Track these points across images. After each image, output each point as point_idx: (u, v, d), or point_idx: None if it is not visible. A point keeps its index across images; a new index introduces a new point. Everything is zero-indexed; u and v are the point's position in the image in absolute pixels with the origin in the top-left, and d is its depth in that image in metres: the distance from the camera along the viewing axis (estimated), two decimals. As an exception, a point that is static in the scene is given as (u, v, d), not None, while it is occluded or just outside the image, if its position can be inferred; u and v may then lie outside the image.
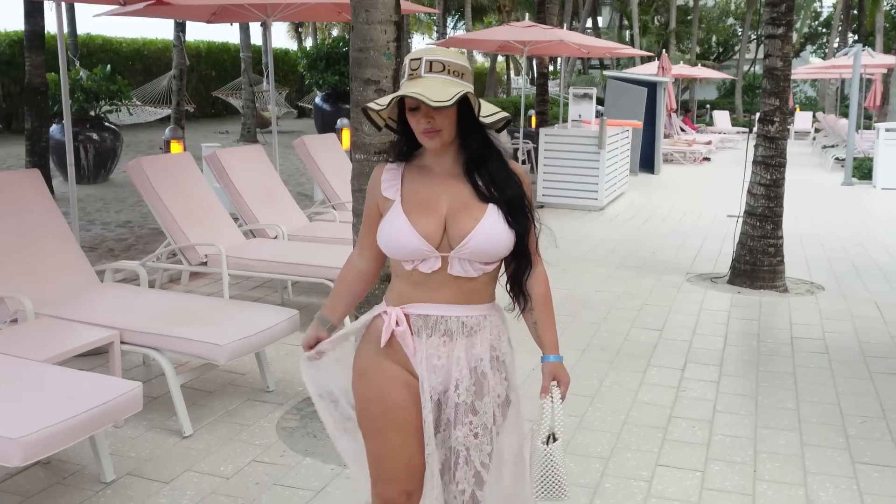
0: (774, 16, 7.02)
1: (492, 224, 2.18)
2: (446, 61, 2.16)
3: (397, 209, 2.23)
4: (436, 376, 2.27)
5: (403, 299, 2.28)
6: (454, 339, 2.26)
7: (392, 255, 2.27)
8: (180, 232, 5.89)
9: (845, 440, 4.24)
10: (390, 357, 2.30)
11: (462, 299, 2.25)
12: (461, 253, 2.19)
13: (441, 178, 2.24)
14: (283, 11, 7.51)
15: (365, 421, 2.36)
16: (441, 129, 2.15)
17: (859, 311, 6.63)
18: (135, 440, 4.09)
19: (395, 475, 2.32)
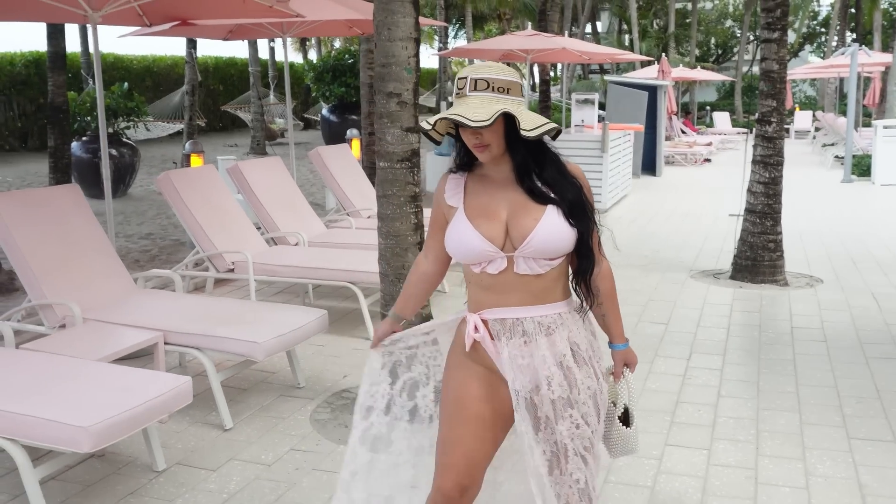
0: (770, 20, 7.33)
1: (551, 222, 2.32)
2: (491, 78, 2.30)
3: (461, 215, 2.40)
4: (523, 376, 2.40)
5: (479, 305, 2.45)
6: (534, 339, 2.39)
7: (460, 258, 2.43)
8: (208, 240, 6.21)
9: (842, 419, 4.53)
10: (476, 359, 2.49)
11: (532, 300, 2.39)
12: (525, 251, 2.33)
13: (500, 185, 2.40)
14: (297, 28, 7.84)
15: (442, 411, 2.55)
16: (489, 144, 2.31)
17: (856, 301, 6.92)
18: (180, 434, 4.40)
19: (454, 463, 2.45)
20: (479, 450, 2.47)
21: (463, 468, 2.46)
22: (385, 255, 4.51)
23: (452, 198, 2.48)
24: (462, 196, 2.46)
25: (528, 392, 2.42)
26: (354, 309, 6.57)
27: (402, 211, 4.43)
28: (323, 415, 4.65)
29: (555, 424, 2.40)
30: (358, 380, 5.14)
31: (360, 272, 5.99)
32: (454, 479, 2.46)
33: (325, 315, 4.92)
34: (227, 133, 23.12)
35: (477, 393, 2.48)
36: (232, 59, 25.63)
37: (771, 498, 3.67)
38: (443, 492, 2.47)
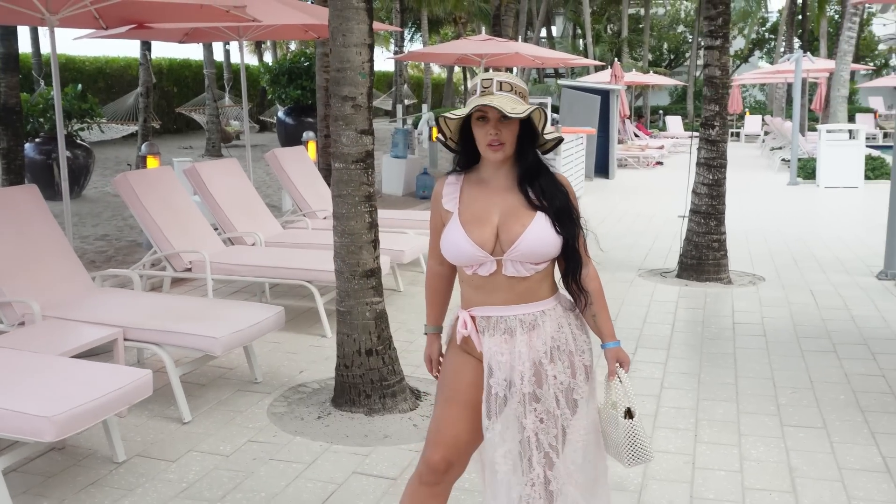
0: (712, 28, 7.61)
1: (539, 229, 2.49)
2: (513, 83, 2.49)
3: (455, 221, 2.56)
4: (500, 372, 2.56)
5: (469, 303, 2.63)
6: (515, 336, 2.56)
7: (453, 261, 2.61)
8: (166, 240, 6.29)
9: (776, 408, 4.78)
10: (469, 351, 2.67)
11: (517, 300, 2.55)
12: (512, 255, 2.49)
13: (495, 191, 2.56)
14: (253, 31, 7.94)
15: (438, 392, 2.74)
16: (505, 143, 2.47)
17: (795, 298, 7.22)
18: (139, 427, 4.49)
19: (444, 440, 2.64)
20: (468, 431, 2.64)
21: (452, 446, 2.64)
22: (340, 253, 4.65)
23: (449, 202, 2.62)
24: (458, 201, 2.61)
25: (503, 388, 2.57)
26: (310, 307, 6.68)
27: (356, 210, 4.58)
28: (279, 408, 4.78)
29: (524, 419, 2.56)
30: (315, 375, 5.29)
31: (316, 271, 6.11)
32: (443, 454, 2.63)
33: (282, 311, 5.05)
34: (182, 135, 23.01)
35: (469, 380, 2.65)
36: (186, 61, 25.49)
37: (707, 481, 3.89)
38: (431, 464, 2.65)
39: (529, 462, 2.59)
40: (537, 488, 2.60)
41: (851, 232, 10.67)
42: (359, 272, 4.64)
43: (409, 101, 30.84)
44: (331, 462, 4.08)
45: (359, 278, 4.65)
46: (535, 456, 2.59)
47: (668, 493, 3.78)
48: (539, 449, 2.59)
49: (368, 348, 4.66)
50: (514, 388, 2.57)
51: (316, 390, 5.05)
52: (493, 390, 2.57)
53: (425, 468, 2.67)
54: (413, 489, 2.73)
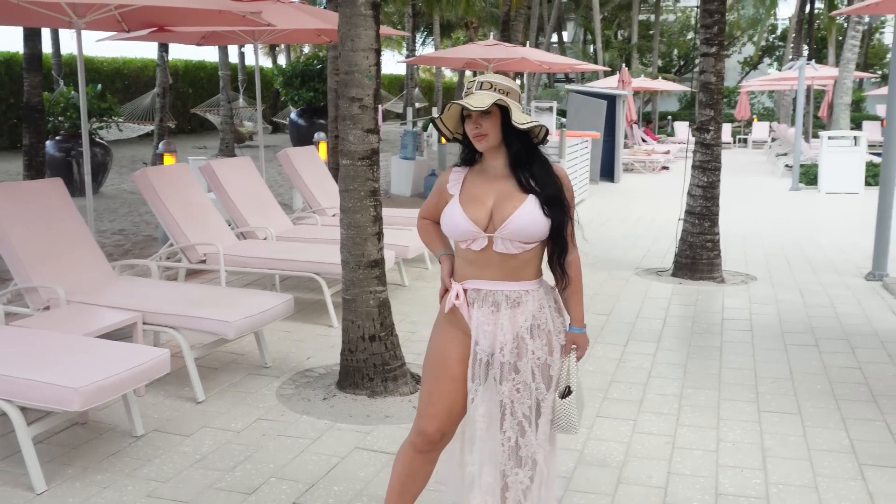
0: (708, 36, 7.90)
1: (529, 210, 2.75)
2: (494, 81, 2.78)
3: (455, 201, 2.86)
4: (485, 340, 2.83)
5: (463, 276, 2.89)
6: (500, 310, 2.82)
7: (450, 235, 2.89)
8: (182, 233, 6.62)
9: (755, 396, 5.06)
10: (455, 323, 2.94)
11: (506, 276, 2.82)
12: (503, 233, 2.76)
13: (493, 178, 2.84)
14: (268, 35, 8.27)
15: (427, 367, 3.00)
16: (487, 134, 2.76)
17: (784, 296, 7.49)
18: (156, 405, 4.81)
19: (437, 413, 2.91)
20: (458, 403, 2.91)
21: (445, 417, 2.92)
22: (346, 245, 4.97)
23: (453, 187, 2.93)
24: (460, 186, 2.92)
25: (487, 355, 2.87)
26: (318, 299, 7.00)
27: (362, 204, 4.89)
28: (288, 390, 5.09)
29: (499, 385, 2.86)
30: (321, 361, 5.61)
31: (324, 264, 6.43)
32: (437, 426, 2.92)
33: (291, 299, 5.36)
34: (196, 135, 23.43)
35: (457, 354, 2.92)
36: (202, 63, 25.91)
37: (684, 459, 4.18)
38: (426, 435, 2.93)
39: (500, 424, 2.88)
40: (506, 451, 2.89)
41: (847, 236, 10.92)
42: (363, 262, 4.95)
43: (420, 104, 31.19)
44: (335, 438, 4.39)
45: (363, 268, 4.96)
46: (509, 420, 2.87)
47: (647, 469, 4.07)
48: (513, 416, 2.87)
49: (372, 334, 4.97)
50: (495, 356, 2.86)
51: (322, 375, 5.36)
52: (478, 356, 2.86)
53: (421, 439, 2.94)
54: (408, 457, 3.00)
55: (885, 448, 4.30)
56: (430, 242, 3.16)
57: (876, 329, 6.43)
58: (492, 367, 2.88)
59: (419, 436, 2.95)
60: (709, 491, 3.84)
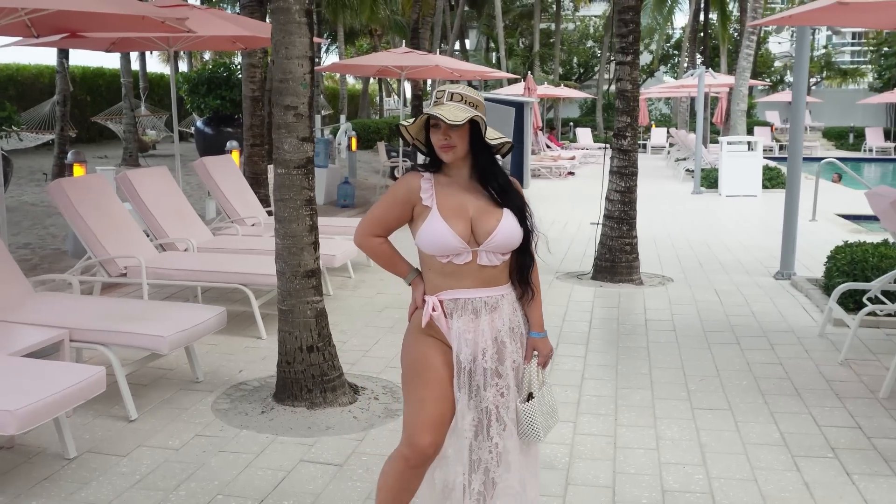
0: (623, 45, 8.11)
1: (509, 224, 2.79)
2: (464, 94, 2.78)
3: (436, 215, 2.79)
4: (467, 348, 2.83)
5: (437, 288, 2.86)
6: (479, 316, 2.83)
7: (433, 252, 2.82)
8: (100, 246, 6.38)
9: (687, 394, 5.21)
10: (430, 335, 2.91)
11: (483, 284, 2.83)
12: (488, 246, 2.78)
13: (463, 189, 2.84)
14: (183, 42, 8.07)
15: (409, 378, 2.93)
16: (455, 146, 2.76)
17: (702, 296, 7.75)
18: (86, 426, 4.62)
19: (430, 422, 2.83)
20: (447, 409, 2.87)
21: (439, 426, 2.86)
22: (282, 255, 4.89)
23: (427, 198, 2.85)
24: (434, 197, 2.86)
25: (469, 363, 2.86)
26: (243, 311, 6.86)
27: (298, 213, 4.82)
28: (223, 405, 4.97)
29: (483, 391, 2.86)
30: (254, 373, 5.50)
31: (251, 275, 6.31)
32: (432, 438, 2.85)
33: (224, 312, 5.24)
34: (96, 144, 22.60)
35: (440, 360, 2.89)
36: (100, 70, 25.03)
37: (627, 457, 4.27)
38: (421, 448, 2.84)
39: (487, 431, 2.89)
40: (494, 456, 2.90)
41: (750, 237, 11.39)
42: (300, 272, 4.88)
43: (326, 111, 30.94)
44: (278, 452, 4.31)
45: (300, 278, 4.89)
46: (495, 426, 2.88)
47: (593, 469, 4.14)
48: (499, 421, 2.89)
49: (310, 345, 4.90)
50: (478, 363, 2.86)
51: (256, 388, 5.25)
52: (462, 366, 2.85)
53: (414, 453, 2.86)
54: (399, 472, 2.92)
55: (814, 440, 4.49)
56: (390, 263, 3.05)
57: (791, 326, 6.72)
58: (475, 374, 2.88)
59: (412, 449, 2.87)
60: (655, 488, 3.94)
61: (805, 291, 7.75)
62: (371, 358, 5.91)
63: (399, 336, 6.32)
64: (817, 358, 5.90)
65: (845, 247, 7.41)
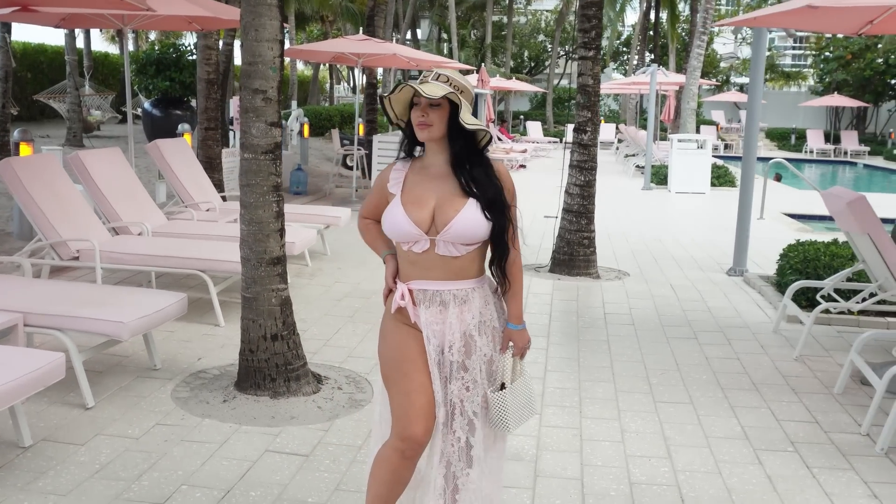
0: (586, 40, 8.14)
1: (470, 214, 2.73)
2: (451, 76, 2.74)
3: (397, 202, 2.81)
4: (435, 339, 2.82)
5: (407, 277, 2.86)
6: (448, 308, 2.81)
7: (391, 236, 2.84)
8: (51, 228, 6.19)
9: (649, 387, 5.26)
10: (404, 321, 2.88)
11: (451, 276, 2.80)
12: (445, 236, 2.74)
13: (434, 177, 2.81)
14: (138, 20, 7.85)
15: (390, 370, 2.88)
16: (432, 125, 2.73)
17: (658, 291, 7.84)
18: (40, 413, 4.47)
19: (420, 411, 2.78)
20: (432, 395, 2.82)
21: (428, 413, 2.81)
22: (247, 241, 4.79)
23: (394, 186, 2.87)
24: (401, 185, 2.86)
25: (437, 354, 2.84)
26: (199, 298, 6.73)
27: (264, 199, 4.73)
28: (183, 393, 4.86)
29: (449, 384, 2.84)
30: (213, 361, 5.39)
31: (210, 260, 6.19)
32: (423, 426, 2.80)
33: (185, 298, 5.12)
34: (37, 123, 21.93)
35: (417, 347, 2.86)
36: (41, 46, 24.28)
37: (594, 450, 4.29)
38: (415, 438, 2.79)
39: (450, 424, 2.87)
40: (456, 450, 2.88)
41: (701, 233, 11.56)
42: (265, 259, 4.79)
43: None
44: (242, 442, 4.22)
45: (265, 265, 4.80)
46: (459, 420, 2.87)
47: (560, 461, 4.14)
48: (463, 415, 2.87)
49: (274, 333, 4.82)
50: (444, 355, 2.85)
51: (217, 376, 5.15)
52: (432, 357, 2.83)
53: (407, 444, 2.80)
54: (394, 465, 2.85)
55: (774, 433, 4.57)
56: (372, 242, 3.10)
57: (746, 322, 6.83)
58: (442, 366, 2.86)
59: (406, 441, 2.81)
60: (622, 480, 3.96)
61: (758, 288, 7.89)
62: (332, 347, 5.84)
63: (359, 326, 6.32)
64: (773, 354, 6.01)
65: (797, 245, 7.55)
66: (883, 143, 35.50)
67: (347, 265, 8.51)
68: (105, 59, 27.37)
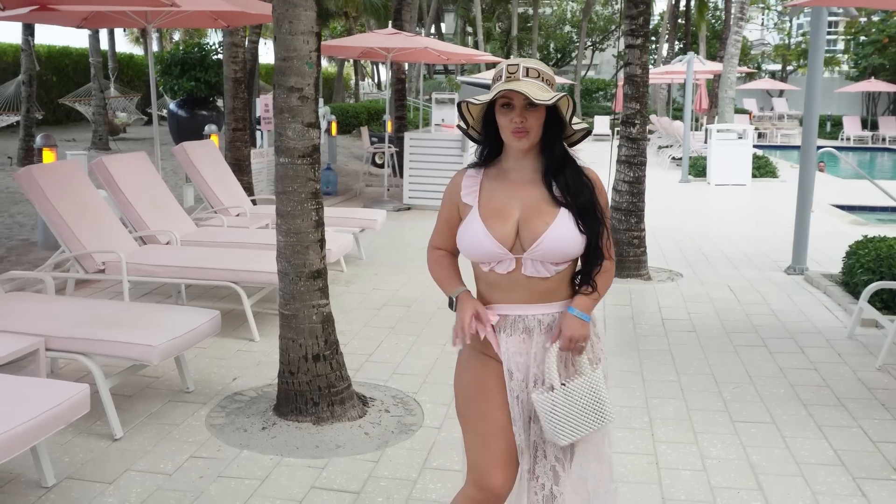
0: (633, 27, 7.67)
1: (563, 227, 2.35)
2: (541, 70, 2.36)
3: (475, 215, 2.41)
4: (519, 373, 2.44)
5: (485, 301, 2.47)
6: (532, 336, 2.43)
7: (470, 257, 2.44)
8: (76, 240, 5.84)
9: (723, 404, 4.81)
10: (485, 353, 2.49)
11: (536, 299, 2.41)
12: (533, 254, 2.36)
13: (517, 184, 2.42)
14: (162, 18, 7.49)
15: (465, 407, 2.51)
16: (530, 130, 2.34)
17: (716, 293, 7.36)
18: (65, 445, 4.11)
19: (498, 459, 2.41)
20: (514, 440, 2.46)
21: (508, 461, 2.44)
22: (285, 253, 4.39)
23: (469, 196, 2.47)
24: (478, 194, 2.45)
25: (520, 390, 2.44)
26: (232, 309, 6.36)
27: (303, 208, 4.33)
28: (218, 419, 4.47)
29: (533, 423, 2.45)
30: (249, 382, 5.01)
31: (242, 271, 5.81)
32: (504, 476, 2.43)
33: (218, 315, 4.73)
34: (63, 127, 21.74)
35: (496, 384, 2.47)
36: (66, 49, 24.08)
37: (674, 481, 3.85)
38: (492, 490, 2.42)
39: (534, 471, 2.49)
40: (540, 498, 2.50)
41: (749, 227, 11.05)
42: (305, 273, 4.39)
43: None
44: (285, 477, 3.83)
45: (305, 280, 4.40)
46: (542, 464, 2.48)
47: (639, 496, 3.71)
48: (546, 458, 2.49)
49: (315, 353, 4.42)
50: (529, 388, 2.46)
51: (254, 399, 4.77)
52: (515, 393, 2.45)
53: (485, 495, 2.43)
54: None
55: (872, 459, 4.10)
56: (442, 279, 2.59)
57: (816, 326, 6.34)
58: (525, 403, 2.47)
59: (483, 491, 2.43)
60: (712, 519, 3.53)
61: (823, 288, 7.38)
62: (375, 363, 5.43)
63: (402, 338, 5.90)
64: (852, 363, 5.52)
65: (866, 242, 7.05)
66: (922, 129, 34.54)
67: (385, 271, 8.10)
68: (130, 61, 27.15)
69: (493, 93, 2.34)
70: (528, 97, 2.27)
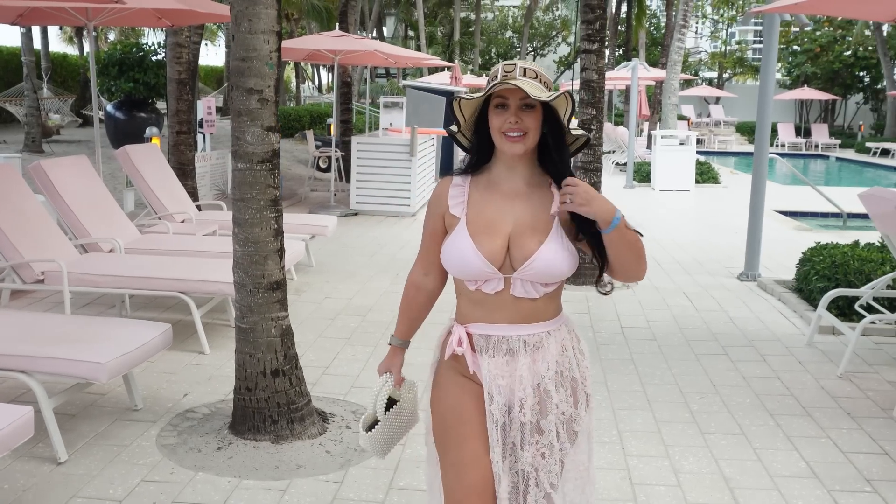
0: (589, 32, 7.61)
1: (555, 246, 2.20)
2: (539, 71, 2.20)
3: (462, 229, 2.24)
4: (500, 396, 2.28)
5: (466, 318, 2.32)
6: (517, 358, 2.27)
7: (456, 275, 2.28)
8: (13, 248, 5.52)
9: (691, 415, 4.73)
10: (461, 370, 2.34)
11: (522, 319, 2.26)
12: (524, 274, 2.21)
13: (508, 196, 2.26)
14: (104, 15, 7.16)
15: (440, 432, 2.35)
16: (527, 133, 2.17)
17: (672, 300, 7.32)
18: (3, 471, 3.82)
19: (474, 487, 2.27)
20: (489, 465, 2.30)
21: (483, 490, 2.28)
22: (242, 264, 4.18)
23: (456, 207, 2.30)
24: (465, 205, 2.28)
25: (502, 415, 2.29)
26: (179, 320, 6.09)
27: (262, 216, 4.12)
28: (170, 439, 4.23)
29: (520, 450, 2.29)
30: (201, 398, 4.77)
31: (193, 281, 5.55)
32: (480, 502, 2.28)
33: (170, 329, 4.48)
34: (-11, 128, 20.98)
35: (475, 408, 2.32)
36: (-7, 47, 23.28)
37: (649, 498, 3.74)
38: None
39: (524, 499, 2.32)
40: None
41: (697, 233, 11.12)
42: (263, 284, 4.18)
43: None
44: (245, 501, 3.62)
45: (263, 291, 4.19)
46: (533, 492, 2.31)
47: (615, 514, 3.60)
48: (539, 486, 2.32)
49: (274, 368, 4.21)
50: (513, 415, 2.30)
51: (207, 416, 4.53)
52: (494, 417, 2.28)
53: None
54: None
55: (844, 469, 4.06)
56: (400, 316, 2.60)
57: (776, 334, 6.33)
58: (510, 429, 2.30)
59: None
60: (692, 537, 3.43)
61: (777, 295, 7.40)
62: (333, 376, 5.23)
63: (358, 349, 5.70)
64: (814, 371, 5.51)
65: (820, 249, 7.10)
66: (852, 136, 35.51)
67: (336, 278, 7.89)
68: (64, 61, 26.30)
69: (489, 88, 2.18)
70: (525, 96, 2.13)
